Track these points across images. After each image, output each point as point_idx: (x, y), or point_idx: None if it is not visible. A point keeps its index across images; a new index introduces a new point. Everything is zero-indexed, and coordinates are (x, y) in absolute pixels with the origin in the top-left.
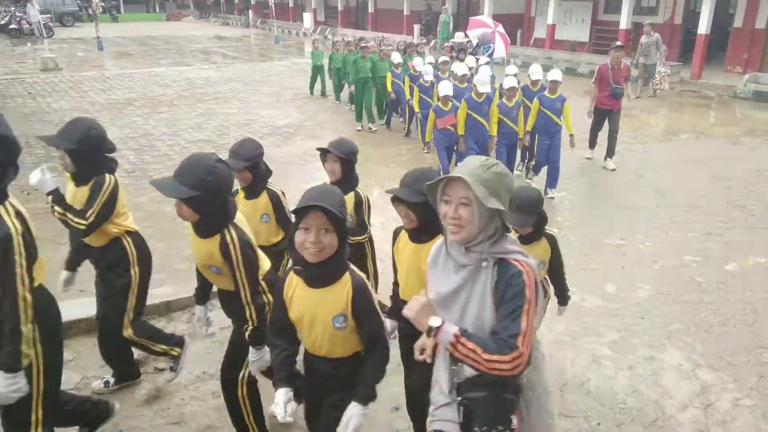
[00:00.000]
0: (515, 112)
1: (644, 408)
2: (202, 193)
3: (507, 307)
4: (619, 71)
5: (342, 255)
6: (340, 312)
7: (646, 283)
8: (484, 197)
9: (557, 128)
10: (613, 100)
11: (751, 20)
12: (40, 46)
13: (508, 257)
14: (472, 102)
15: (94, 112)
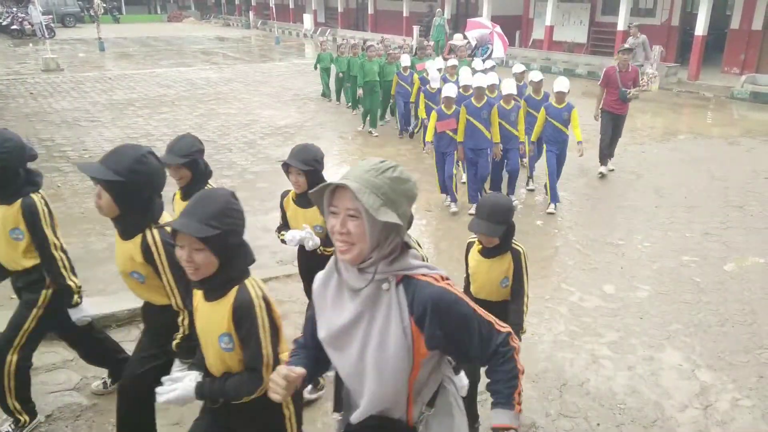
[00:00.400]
0: (514, 116)
1: (644, 408)
2: (126, 180)
3: (464, 333)
4: (626, 74)
5: (229, 267)
6: (224, 331)
7: (645, 284)
8: (374, 208)
9: (565, 138)
10: (621, 104)
11: (748, 21)
12: (42, 47)
13: (414, 273)
14: (471, 107)
15: (95, 112)
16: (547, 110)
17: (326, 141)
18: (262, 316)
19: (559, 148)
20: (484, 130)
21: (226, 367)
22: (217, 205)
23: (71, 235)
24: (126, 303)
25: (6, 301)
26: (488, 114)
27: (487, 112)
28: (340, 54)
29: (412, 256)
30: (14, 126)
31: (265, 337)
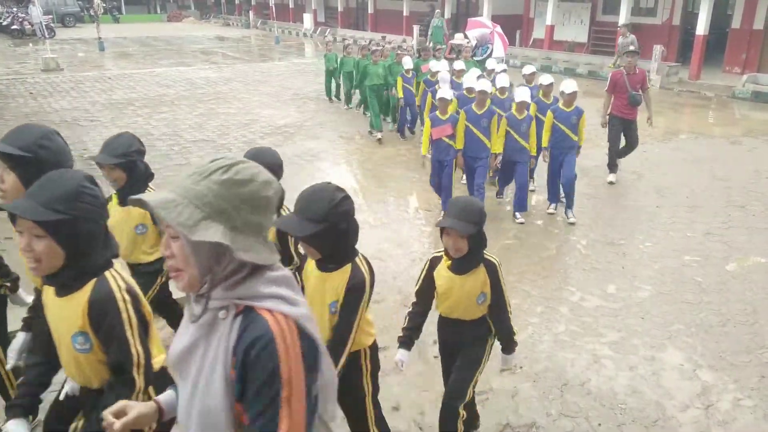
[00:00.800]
0: (525, 126)
1: (645, 408)
2: (33, 157)
3: (258, 398)
4: (635, 77)
5: (81, 259)
6: (78, 330)
7: (646, 284)
8: (186, 225)
9: (572, 144)
10: (631, 108)
11: (749, 21)
12: (42, 47)
13: (258, 304)
14: (471, 113)
15: (95, 112)
16: (555, 114)
17: (326, 141)
18: (127, 312)
19: (564, 154)
20: (483, 138)
21: (82, 372)
22: (65, 188)
23: None
24: None
25: None
26: (489, 122)
27: (488, 120)
28: (347, 54)
29: (268, 281)
30: (14, 125)
31: (133, 335)
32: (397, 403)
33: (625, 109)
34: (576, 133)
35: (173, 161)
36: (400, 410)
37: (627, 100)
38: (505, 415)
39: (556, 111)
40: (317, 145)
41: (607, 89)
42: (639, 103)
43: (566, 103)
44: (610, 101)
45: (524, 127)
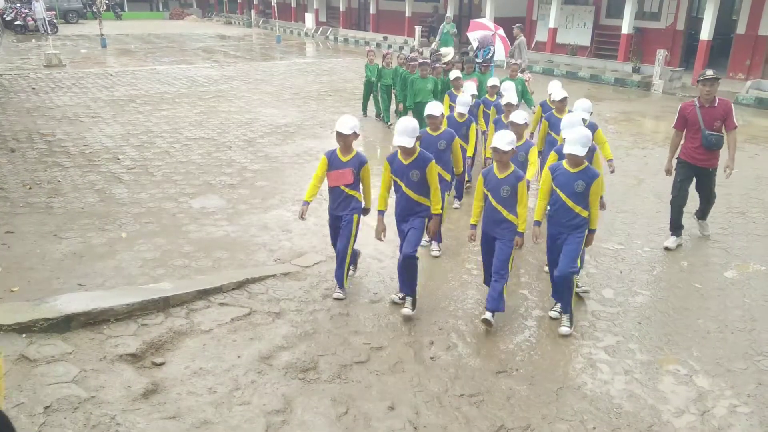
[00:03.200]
0: (507, 189)
1: (640, 413)
2: None
3: None
4: (712, 110)
5: None
6: None
7: (644, 289)
8: None
9: (579, 221)
10: (707, 153)
11: (754, 27)
12: (44, 43)
13: None
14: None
15: (96, 108)
16: (555, 174)
17: (326, 140)
18: None
19: (565, 233)
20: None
21: None
22: None
23: (71, 230)
24: (125, 297)
25: (6, 293)
26: (467, 130)
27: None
28: (385, 65)
29: None
30: (16, 121)
31: None
32: (393, 402)
33: (697, 153)
34: (583, 205)
35: (174, 158)
36: (396, 410)
37: (700, 141)
38: (500, 417)
39: (557, 170)
40: (317, 144)
41: (675, 125)
42: (716, 147)
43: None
44: (679, 141)
45: (506, 191)
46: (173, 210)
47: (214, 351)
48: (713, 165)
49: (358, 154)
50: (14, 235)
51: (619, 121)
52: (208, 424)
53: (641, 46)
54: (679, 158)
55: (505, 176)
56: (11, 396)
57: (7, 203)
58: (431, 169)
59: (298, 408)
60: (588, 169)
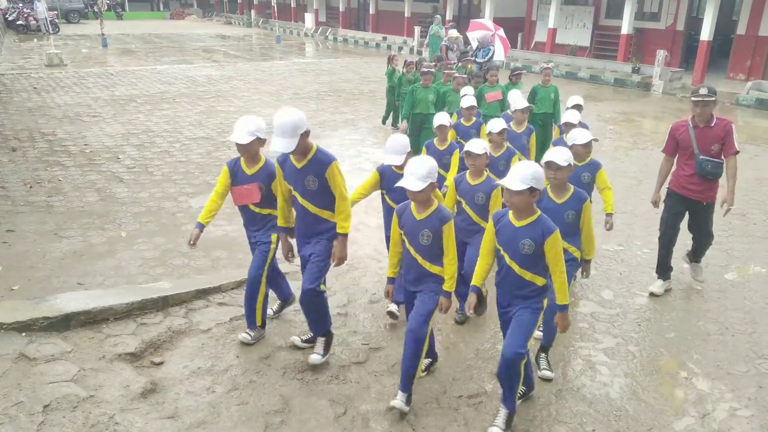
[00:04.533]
0: (481, 195)
1: (640, 416)
2: None
3: None
4: (709, 132)
5: None
6: None
7: (644, 290)
8: None
9: (532, 289)
10: (702, 183)
11: (755, 27)
12: (46, 42)
13: None
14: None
15: (97, 107)
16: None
17: (326, 140)
18: None
19: (516, 302)
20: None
21: None
22: None
23: (71, 229)
24: (124, 297)
25: (6, 292)
26: (450, 159)
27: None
28: (406, 72)
29: None
30: (17, 120)
31: None
32: None
33: (691, 182)
34: (536, 270)
35: (174, 158)
36: (394, 410)
37: (693, 168)
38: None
39: (500, 221)
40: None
41: (664, 148)
42: (713, 176)
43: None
44: (669, 168)
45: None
46: (173, 209)
47: (213, 351)
48: (710, 198)
49: (266, 164)
50: (15, 234)
51: (619, 121)
52: (206, 424)
53: (641, 46)
54: (669, 189)
55: (424, 217)
56: (10, 394)
57: (7, 202)
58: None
59: (296, 408)
60: (539, 221)
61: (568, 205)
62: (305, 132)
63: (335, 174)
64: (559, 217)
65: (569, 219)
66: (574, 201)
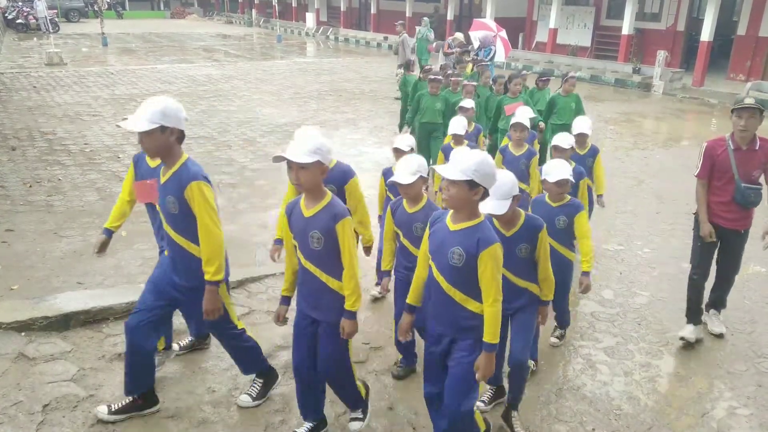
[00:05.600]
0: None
1: (640, 415)
2: None
3: None
4: (752, 155)
5: None
6: None
7: (644, 290)
8: None
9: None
10: (739, 210)
11: (755, 28)
12: (46, 41)
13: None
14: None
15: (97, 106)
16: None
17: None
18: None
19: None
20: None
21: None
22: None
23: (71, 229)
24: (124, 296)
25: (6, 291)
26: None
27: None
28: (424, 78)
29: None
30: (17, 119)
31: None
32: (392, 402)
33: (726, 211)
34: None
35: None
36: (394, 410)
37: (731, 195)
38: (499, 418)
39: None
40: None
41: (698, 172)
42: (754, 204)
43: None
44: (705, 195)
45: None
46: None
47: (213, 350)
48: (745, 226)
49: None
50: (14, 233)
51: (620, 122)
52: (206, 424)
53: (642, 47)
54: (697, 216)
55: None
56: (10, 394)
57: (7, 201)
58: None
59: (296, 408)
60: (479, 227)
61: (518, 238)
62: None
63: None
64: (511, 254)
65: (523, 254)
66: (525, 232)
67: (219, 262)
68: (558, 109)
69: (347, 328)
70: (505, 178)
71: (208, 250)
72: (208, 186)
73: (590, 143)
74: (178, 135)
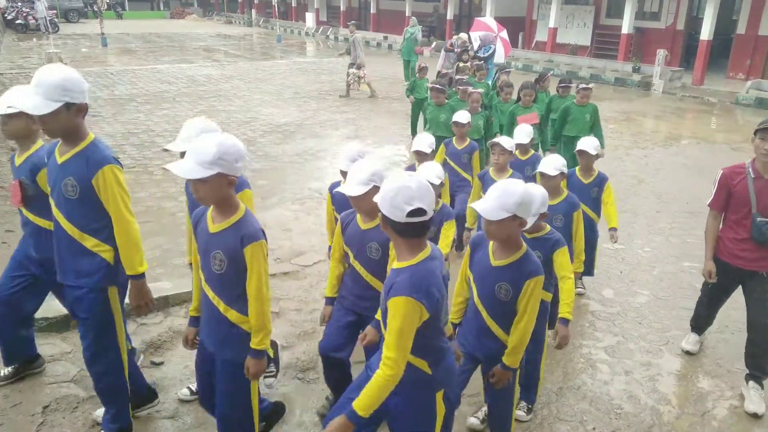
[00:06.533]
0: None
1: (640, 414)
2: None
3: None
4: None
5: None
6: None
7: (644, 289)
8: None
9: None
10: (759, 249)
11: (755, 27)
12: (45, 42)
13: None
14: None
15: (97, 107)
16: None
17: (326, 139)
18: None
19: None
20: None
21: None
22: None
23: None
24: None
25: None
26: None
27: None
28: (504, 100)
29: None
30: None
31: None
32: None
33: (743, 249)
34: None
35: (174, 157)
36: None
37: (748, 231)
38: None
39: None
40: (317, 143)
41: (711, 201)
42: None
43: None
44: (718, 228)
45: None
46: (173, 209)
47: None
48: (763, 267)
49: (38, 150)
50: (14, 234)
51: (619, 120)
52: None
53: (641, 46)
54: (715, 256)
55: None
56: (9, 396)
57: (6, 202)
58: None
59: (296, 408)
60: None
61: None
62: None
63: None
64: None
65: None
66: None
67: (139, 252)
68: (570, 120)
69: (252, 368)
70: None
71: (128, 242)
72: (120, 169)
73: (597, 170)
74: (83, 109)
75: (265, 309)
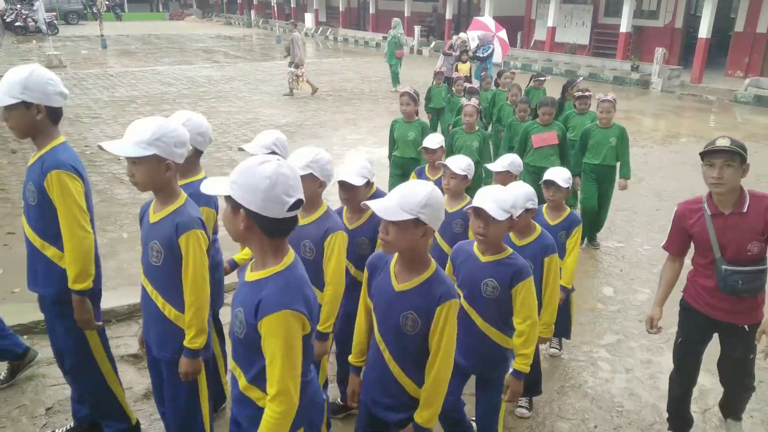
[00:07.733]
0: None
1: (642, 411)
2: None
3: None
4: (740, 221)
5: None
6: None
7: (644, 287)
8: None
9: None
10: (734, 300)
11: (752, 24)
12: (45, 44)
13: None
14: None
15: (97, 108)
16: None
17: (326, 140)
18: None
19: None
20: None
21: None
22: None
23: None
24: (126, 298)
25: (8, 294)
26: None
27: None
28: (457, 92)
29: None
30: None
31: None
32: None
33: (717, 299)
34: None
35: None
36: None
37: (714, 278)
38: None
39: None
40: (318, 144)
41: (666, 243)
42: (749, 293)
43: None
44: (674, 275)
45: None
46: None
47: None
48: (749, 320)
49: None
50: (15, 236)
51: (618, 119)
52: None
53: (640, 44)
54: (684, 300)
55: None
56: (13, 397)
57: (8, 204)
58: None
59: None
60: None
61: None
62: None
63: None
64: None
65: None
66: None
67: (81, 267)
68: (592, 145)
69: (183, 367)
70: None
71: (70, 254)
72: (73, 177)
73: (568, 208)
74: (48, 113)
75: (201, 304)
